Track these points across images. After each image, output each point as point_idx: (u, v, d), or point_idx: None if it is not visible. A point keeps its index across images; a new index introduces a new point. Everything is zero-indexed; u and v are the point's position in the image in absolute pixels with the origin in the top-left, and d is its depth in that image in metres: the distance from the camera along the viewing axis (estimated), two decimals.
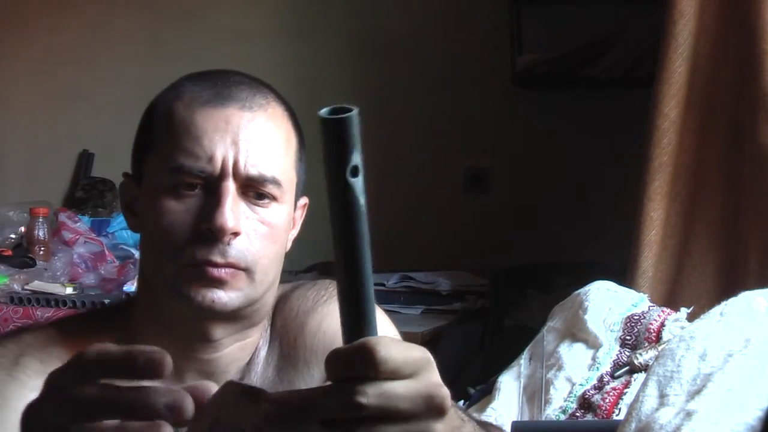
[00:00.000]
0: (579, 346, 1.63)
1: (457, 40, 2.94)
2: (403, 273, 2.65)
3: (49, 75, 3.37)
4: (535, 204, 2.86)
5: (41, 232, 2.76)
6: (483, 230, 2.92)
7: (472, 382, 1.88)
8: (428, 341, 2.41)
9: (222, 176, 0.99)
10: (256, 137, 1.01)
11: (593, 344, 1.61)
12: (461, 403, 1.72)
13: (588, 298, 1.67)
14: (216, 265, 0.99)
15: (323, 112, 0.61)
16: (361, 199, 0.61)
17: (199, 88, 1.03)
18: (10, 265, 2.62)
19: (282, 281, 1.10)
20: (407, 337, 2.29)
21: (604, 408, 1.50)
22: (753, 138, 1.88)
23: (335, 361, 0.62)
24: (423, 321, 2.49)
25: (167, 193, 1.00)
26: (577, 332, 1.64)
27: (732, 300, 1.33)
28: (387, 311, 2.18)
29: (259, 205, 1.02)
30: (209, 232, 0.98)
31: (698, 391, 1.17)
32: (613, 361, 1.58)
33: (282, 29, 3.15)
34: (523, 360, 1.68)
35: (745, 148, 1.91)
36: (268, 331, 1.11)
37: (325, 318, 1.11)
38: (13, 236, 2.85)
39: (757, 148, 1.88)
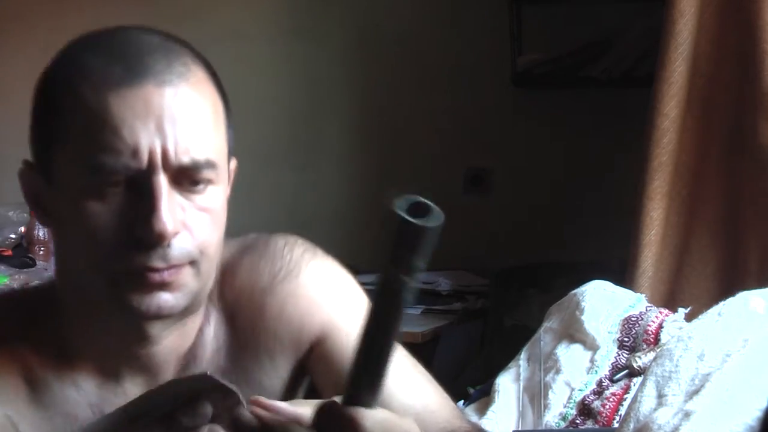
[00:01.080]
0: (577, 348, 1.62)
1: (457, 40, 2.94)
2: None
3: None
4: (535, 204, 2.85)
5: (41, 232, 2.76)
6: (483, 230, 2.91)
7: (471, 382, 1.88)
8: (428, 341, 2.41)
9: (151, 171, 0.86)
10: (183, 117, 0.88)
11: (591, 346, 1.61)
12: (460, 403, 1.72)
13: (584, 299, 1.66)
14: (157, 270, 0.88)
15: (400, 206, 0.55)
16: (409, 296, 0.60)
17: (106, 63, 0.88)
18: (10, 265, 2.62)
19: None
20: (407, 336, 2.29)
21: (604, 414, 1.49)
22: (753, 138, 1.88)
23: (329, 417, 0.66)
24: (423, 321, 2.49)
25: (87, 194, 0.87)
26: (574, 333, 1.64)
27: (730, 300, 1.33)
28: None
29: (195, 193, 0.90)
30: (146, 239, 0.86)
31: (696, 392, 1.17)
32: (612, 363, 1.58)
33: (281, 29, 3.15)
34: (521, 361, 1.68)
35: (745, 148, 1.90)
36: (214, 310, 1.01)
37: (288, 301, 1.01)
38: (13, 236, 2.85)
39: (757, 147, 1.88)
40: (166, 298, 0.89)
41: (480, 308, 2.59)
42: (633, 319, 1.62)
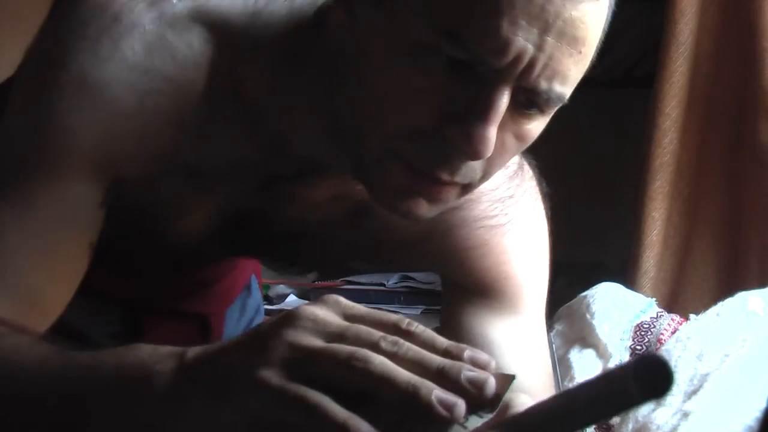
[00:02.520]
0: (589, 353, 1.61)
1: None
2: (403, 273, 2.65)
3: None
4: None
5: None
6: None
7: None
8: None
9: (502, 78, 0.72)
10: (575, 43, 0.73)
11: (603, 354, 1.60)
12: None
13: (594, 301, 1.65)
14: (437, 181, 0.77)
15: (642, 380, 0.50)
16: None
17: None
18: None
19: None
20: None
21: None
22: (754, 137, 1.88)
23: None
24: (423, 321, 2.45)
25: (412, 52, 0.73)
26: (586, 336, 1.63)
27: (728, 300, 1.33)
28: (387, 311, 2.19)
29: (523, 116, 0.77)
30: (454, 145, 0.74)
31: (695, 392, 1.17)
32: None
33: None
34: None
35: (746, 147, 1.90)
36: None
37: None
38: None
39: (758, 147, 1.87)
40: (422, 209, 0.79)
41: None
42: (645, 326, 1.60)
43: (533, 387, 0.92)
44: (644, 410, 1.20)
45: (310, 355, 0.57)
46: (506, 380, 0.60)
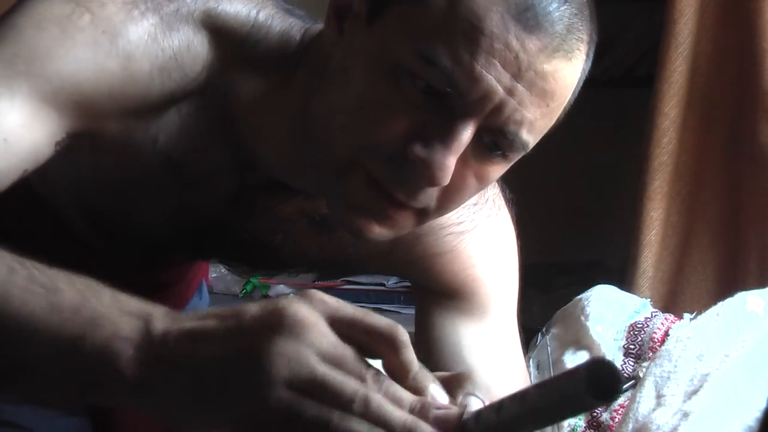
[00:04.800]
0: (583, 355, 1.61)
1: None
2: None
3: None
4: (535, 204, 2.85)
5: None
6: None
7: None
8: None
9: (470, 112, 0.76)
10: (545, 94, 0.77)
11: (596, 354, 1.60)
12: None
13: (589, 304, 1.66)
14: (393, 201, 0.80)
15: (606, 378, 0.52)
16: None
17: None
18: None
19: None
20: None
21: (613, 428, 1.49)
22: (753, 137, 1.88)
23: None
24: None
25: (392, 72, 0.77)
26: (580, 339, 1.64)
27: (728, 300, 1.33)
28: (387, 311, 2.19)
29: (487, 158, 0.80)
30: (414, 167, 0.77)
31: (695, 392, 1.17)
32: None
33: None
34: (531, 369, 1.67)
35: (745, 147, 1.90)
36: None
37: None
38: None
39: (757, 147, 1.87)
40: (373, 231, 0.82)
41: None
42: (639, 325, 1.61)
43: (504, 387, 0.94)
44: (644, 410, 1.20)
45: (312, 384, 0.59)
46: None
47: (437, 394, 0.62)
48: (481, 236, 1.01)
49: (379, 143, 0.78)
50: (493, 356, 1.03)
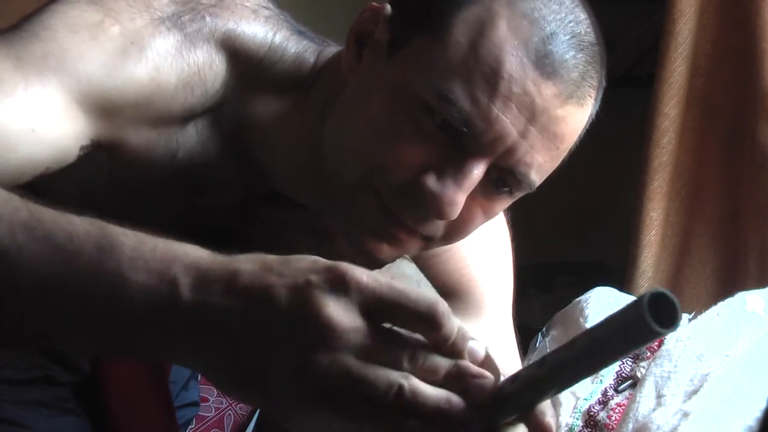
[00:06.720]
0: None
1: None
2: None
3: None
4: (535, 204, 2.84)
5: None
6: None
7: None
8: None
9: (483, 152, 0.79)
10: (556, 137, 0.81)
11: None
12: None
13: (588, 306, 1.66)
14: (403, 227, 0.82)
15: (648, 312, 0.52)
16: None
17: (534, 27, 0.78)
18: None
19: None
20: None
21: (611, 426, 1.49)
22: (753, 137, 1.88)
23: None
24: None
25: (409, 104, 0.79)
26: None
27: (728, 300, 1.33)
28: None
29: (494, 193, 0.83)
30: (424, 197, 0.79)
31: (695, 392, 1.17)
32: (616, 372, 1.57)
33: None
34: None
35: (745, 148, 1.90)
36: None
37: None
38: None
39: (757, 147, 1.87)
40: (383, 252, 0.84)
41: None
42: None
43: None
44: (644, 410, 1.20)
45: (347, 385, 0.58)
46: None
47: (475, 351, 0.63)
48: (475, 238, 1.02)
49: (392, 168, 0.80)
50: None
